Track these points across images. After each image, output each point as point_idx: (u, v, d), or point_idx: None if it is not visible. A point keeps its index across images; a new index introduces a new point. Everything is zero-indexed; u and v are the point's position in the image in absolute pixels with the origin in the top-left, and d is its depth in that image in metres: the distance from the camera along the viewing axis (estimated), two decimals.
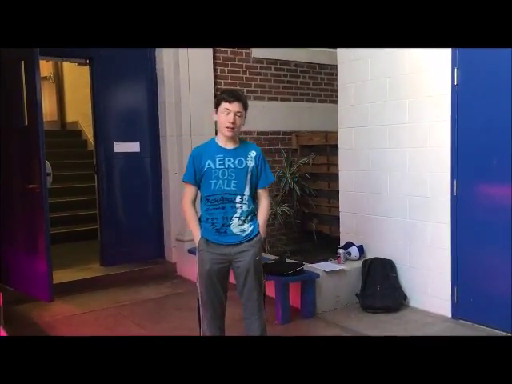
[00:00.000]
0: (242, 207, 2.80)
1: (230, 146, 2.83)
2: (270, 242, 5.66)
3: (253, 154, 2.86)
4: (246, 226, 2.82)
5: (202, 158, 2.81)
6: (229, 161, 2.79)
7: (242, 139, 2.97)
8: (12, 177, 4.51)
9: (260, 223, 2.88)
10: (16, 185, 4.47)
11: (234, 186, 2.78)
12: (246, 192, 2.81)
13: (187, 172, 2.87)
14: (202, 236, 2.84)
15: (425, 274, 4.12)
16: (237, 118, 2.76)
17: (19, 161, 4.48)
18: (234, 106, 2.75)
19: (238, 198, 2.79)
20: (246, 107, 2.82)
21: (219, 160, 2.79)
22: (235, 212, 2.79)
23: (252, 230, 2.84)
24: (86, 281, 4.89)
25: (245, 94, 5.71)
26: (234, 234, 2.80)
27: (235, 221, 2.80)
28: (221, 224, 2.79)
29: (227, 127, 2.76)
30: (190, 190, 2.88)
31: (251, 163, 2.83)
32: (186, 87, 5.27)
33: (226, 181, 2.78)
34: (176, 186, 5.33)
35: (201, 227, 2.86)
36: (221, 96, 2.84)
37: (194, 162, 2.83)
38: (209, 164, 2.79)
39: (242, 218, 2.81)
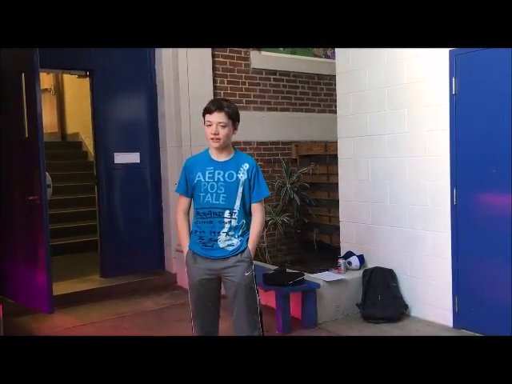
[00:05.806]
0: (230, 222, 2.69)
1: (221, 158, 2.73)
2: (271, 252, 5.65)
3: (245, 166, 2.73)
4: (234, 240, 2.71)
5: (193, 170, 2.75)
6: (219, 174, 2.70)
7: (237, 150, 2.84)
8: (12, 188, 4.52)
9: (250, 238, 2.75)
10: (16, 196, 4.48)
11: (222, 200, 2.68)
12: (237, 206, 2.69)
13: (179, 183, 2.83)
14: (189, 248, 2.77)
15: (426, 284, 4.11)
16: (219, 128, 2.64)
17: (19, 172, 4.49)
18: (215, 117, 2.64)
19: (226, 213, 2.68)
20: (231, 116, 2.67)
21: (209, 173, 2.70)
22: (223, 227, 2.69)
23: (240, 245, 2.72)
24: (86, 292, 4.88)
25: (243, 104, 5.74)
26: (221, 249, 2.71)
27: (222, 236, 2.69)
28: (208, 238, 2.71)
29: (211, 138, 2.67)
30: (182, 201, 2.84)
31: (243, 176, 2.70)
32: (186, 98, 5.30)
33: (214, 194, 2.68)
34: (176, 196, 5.28)
35: (190, 239, 2.79)
36: (204, 107, 2.72)
37: (186, 173, 2.78)
38: (199, 176, 2.71)
39: (231, 233, 2.70)
